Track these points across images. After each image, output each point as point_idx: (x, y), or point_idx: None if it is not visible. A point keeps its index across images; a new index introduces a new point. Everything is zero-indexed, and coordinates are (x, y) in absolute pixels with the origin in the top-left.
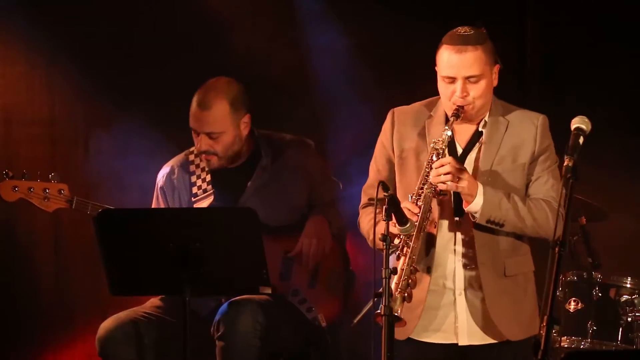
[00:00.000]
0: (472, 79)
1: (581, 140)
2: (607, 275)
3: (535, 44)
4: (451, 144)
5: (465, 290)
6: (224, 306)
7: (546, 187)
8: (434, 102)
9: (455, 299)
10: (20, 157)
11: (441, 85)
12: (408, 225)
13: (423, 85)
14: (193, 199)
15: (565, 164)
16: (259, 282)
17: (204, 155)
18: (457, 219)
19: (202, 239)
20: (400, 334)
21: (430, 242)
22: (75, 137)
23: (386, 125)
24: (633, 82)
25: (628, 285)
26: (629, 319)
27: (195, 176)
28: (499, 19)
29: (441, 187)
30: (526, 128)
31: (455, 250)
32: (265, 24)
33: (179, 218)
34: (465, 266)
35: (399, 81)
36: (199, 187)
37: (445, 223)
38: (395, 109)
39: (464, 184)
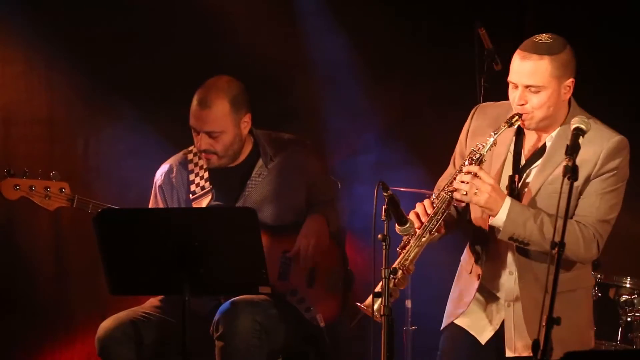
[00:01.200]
0: (532, 89)
1: (581, 140)
2: (606, 275)
3: None
4: (517, 152)
5: (513, 302)
6: (223, 306)
7: (590, 209)
8: None
9: (499, 308)
10: (19, 156)
11: (509, 90)
12: (407, 225)
13: (422, 84)
14: (191, 197)
15: (564, 164)
16: (258, 282)
17: (203, 154)
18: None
19: (201, 239)
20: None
21: (482, 250)
22: (74, 136)
23: (467, 120)
24: (632, 80)
25: (628, 285)
26: (629, 319)
27: (193, 174)
28: (499, 18)
29: (456, 195)
30: (593, 149)
31: (503, 262)
32: (263, 22)
33: (178, 218)
34: (512, 279)
35: (398, 80)
36: (197, 185)
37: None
38: (480, 104)
39: (481, 198)
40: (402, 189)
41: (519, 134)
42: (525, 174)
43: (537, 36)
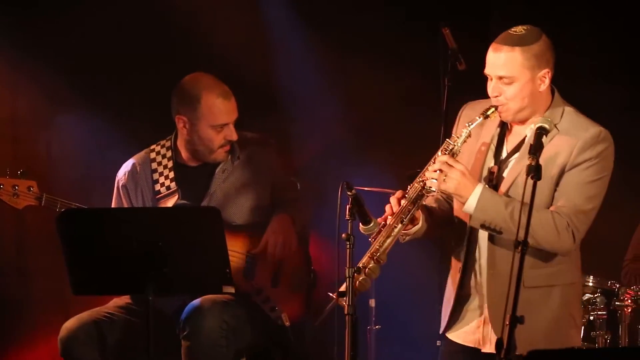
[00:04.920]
0: (505, 80)
1: (544, 139)
2: None
3: None
4: (499, 145)
5: (488, 299)
6: (190, 305)
7: (566, 199)
8: None
9: (483, 305)
10: None
11: (488, 83)
12: (371, 224)
13: (388, 83)
14: (157, 197)
15: (527, 163)
16: (222, 281)
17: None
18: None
19: (165, 238)
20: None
21: (463, 246)
22: (38, 136)
23: (456, 121)
24: (600, 78)
25: (590, 284)
26: (591, 318)
27: (157, 173)
28: (465, 19)
29: (428, 184)
30: (569, 140)
31: (481, 258)
32: (234, 28)
33: (142, 217)
34: (488, 276)
35: (363, 80)
36: (162, 185)
37: (476, 230)
38: (467, 103)
39: (449, 184)
40: (366, 189)
41: (503, 127)
42: (504, 166)
43: (512, 28)
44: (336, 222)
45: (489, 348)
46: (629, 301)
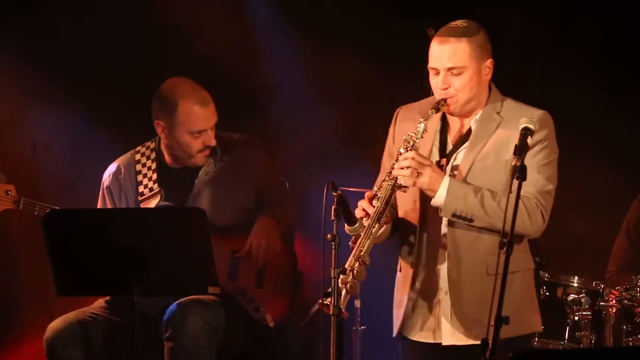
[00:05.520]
0: (454, 71)
1: (529, 140)
2: (554, 274)
3: None
4: (442, 140)
5: (449, 290)
6: (172, 307)
7: (529, 182)
8: None
9: (439, 298)
10: None
11: (430, 78)
12: (357, 225)
13: (374, 85)
14: (140, 198)
15: (512, 164)
16: (207, 282)
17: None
18: (443, 217)
19: (150, 239)
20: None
21: (415, 238)
22: (22, 139)
23: (391, 124)
24: (581, 80)
25: (575, 285)
26: (576, 318)
27: (141, 175)
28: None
29: (399, 181)
30: (517, 125)
31: (439, 249)
32: (219, 27)
33: (127, 218)
34: (449, 266)
35: (349, 80)
36: (145, 186)
37: (431, 222)
38: (401, 106)
39: (424, 179)
40: (351, 189)
41: (444, 123)
42: (453, 158)
43: (451, 22)
44: (321, 223)
45: (450, 340)
46: (614, 301)
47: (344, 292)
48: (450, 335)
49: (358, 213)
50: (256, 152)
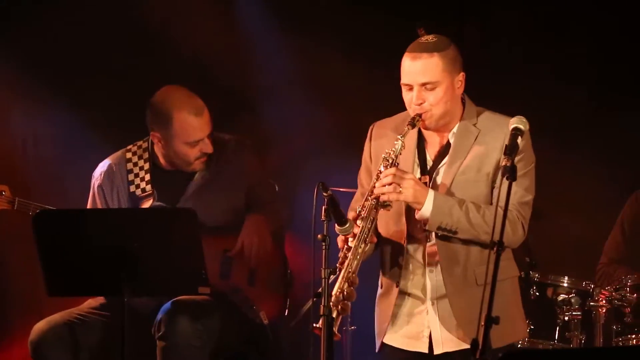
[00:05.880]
0: (427, 86)
1: (519, 140)
2: (544, 274)
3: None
4: (422, 156)
5: (436, 300)
6: (165, 306)
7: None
8: None
9: (427, 309)
10: None
11: (403, 94)
12: (347, 225)
13: (364, 87)
14: (132, 198)
15: (502, 164)
16: (198, 283)
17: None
18: (426, 230)
19: (141, 240)
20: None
21: (400, 253)
22: (13, 137)
23: (366, 141)
24: (570, 80)
25: (565, 285)
26: (566, 318)
27: (132, 174)
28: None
29: (383, 198)
30: (495, 136)
31: (425, 261)
32: (209, 28)
33: (117, 218)
34: (435, 277)
35: (340, 82)
36: (137, 186)
37: (415, 234)
38: (375, 122)
39: (408, 192)
40: (342, 190)
41: (420, 138)
42: (435, 173)
43: (421, 38)
44: (312, 223)
45: (441, 349)
46: (604, 301)
47: (335, 313)
48: (442, 344)
49: (339, 244)
50: (247, 153)
